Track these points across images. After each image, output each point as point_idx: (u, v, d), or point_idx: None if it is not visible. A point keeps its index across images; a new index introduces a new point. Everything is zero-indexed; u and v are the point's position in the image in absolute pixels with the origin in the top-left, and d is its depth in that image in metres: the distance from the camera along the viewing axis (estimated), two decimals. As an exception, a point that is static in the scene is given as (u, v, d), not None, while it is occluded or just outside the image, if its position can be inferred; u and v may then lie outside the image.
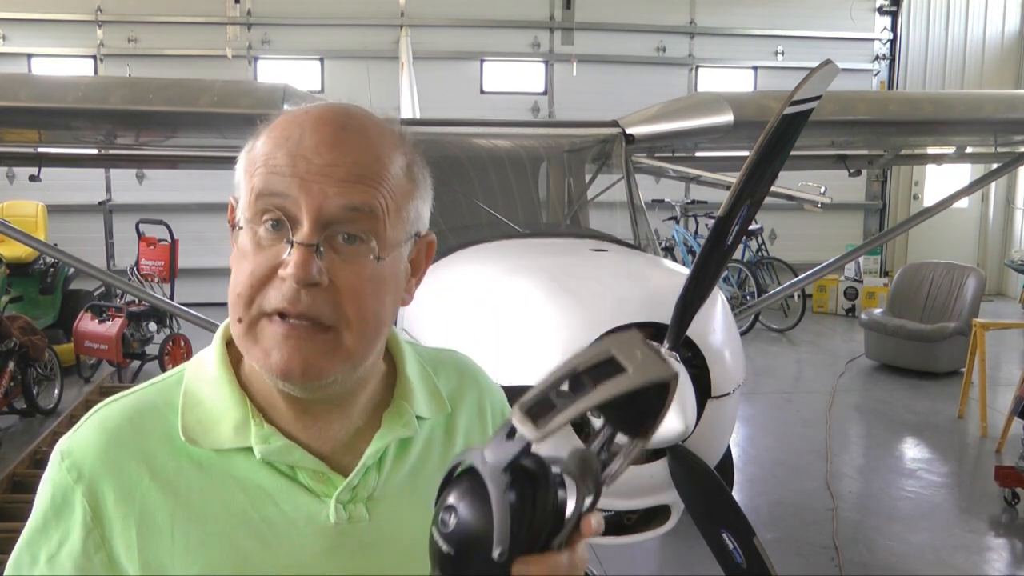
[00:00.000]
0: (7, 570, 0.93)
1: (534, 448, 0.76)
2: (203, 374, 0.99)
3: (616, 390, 0.75)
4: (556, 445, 0.78)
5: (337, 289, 0.88)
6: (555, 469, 0.79)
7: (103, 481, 0.91)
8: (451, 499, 0.77)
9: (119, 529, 0.90)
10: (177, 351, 7.07)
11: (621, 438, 0.81)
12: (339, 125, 0.91)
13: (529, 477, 0.77)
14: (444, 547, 0.76)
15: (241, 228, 0.91)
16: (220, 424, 0.95)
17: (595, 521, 0.79)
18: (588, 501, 0.79)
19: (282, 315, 0.87)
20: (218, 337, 1.01)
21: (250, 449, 0.94)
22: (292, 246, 0.87)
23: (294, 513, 0.94)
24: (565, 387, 0.78)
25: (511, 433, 0.77)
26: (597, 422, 0.82)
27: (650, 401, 0.78)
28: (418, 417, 1.03)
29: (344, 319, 0.89)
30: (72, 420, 5.23)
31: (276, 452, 0.94)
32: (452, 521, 0.76)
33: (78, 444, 0.94)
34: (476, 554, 0.74)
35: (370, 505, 0.97)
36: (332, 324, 0.88)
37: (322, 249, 0.87)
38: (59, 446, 0.95)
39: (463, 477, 0.78)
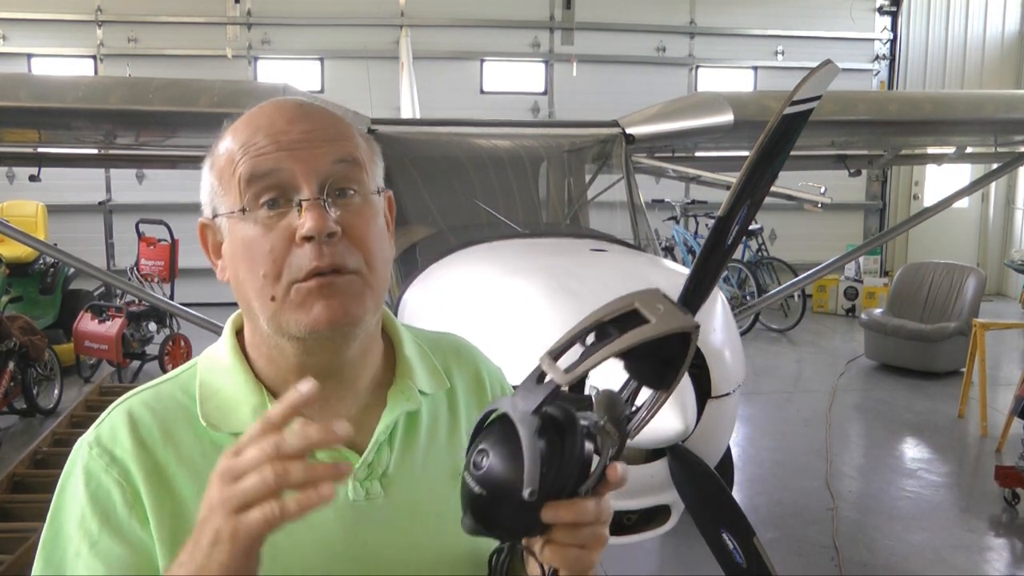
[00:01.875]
0: (39, 567, 0.94)
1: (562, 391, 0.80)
2: (217, 365, 1.04)
3: (640, 337, 0.79)
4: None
5: (350, 236, 0.95)
6: (583, 420, 0.82)
7: (134, 465, 0.94)
8: (483, 443, 0.80)
9: (152, 511, 0.93)
10: (177, 351, 7.07)
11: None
12: (297, 104, 0.99)
13: (558, 423, 0.80)
14: (476, 488, 0.80)
15: (240, 213, 0.94)
16: (238, 409, 0.99)
17: (620, 468, 0.83)
18: (612, 450, 0.82)
19: (315, 274, 0.92)
20: (228, 329, 1.07)
21: None
22: (301, 207, 0.92)
23: None
24: (591, 338, 0.83)
25: (540, 378, 0.80)
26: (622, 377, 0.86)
27: (672, 351, 0.83)
28: (421, 392, 1.07)
29: (362, 261, 0.96)
30: (72, 420, 5.29)
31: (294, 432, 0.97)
32: (484, 463, 0.79)
33: (105, 433, 0.97)
34: (507, 495, 0.78)
35: (384, 482, 1.01)
36: (355, 268, 0.95)
37: (328, 201, 0.93)
38: (84, 439, 0.98)
39: (495, 423, 0.81)
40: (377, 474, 1.01)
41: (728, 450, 4.10)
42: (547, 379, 0.80)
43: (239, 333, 1.06)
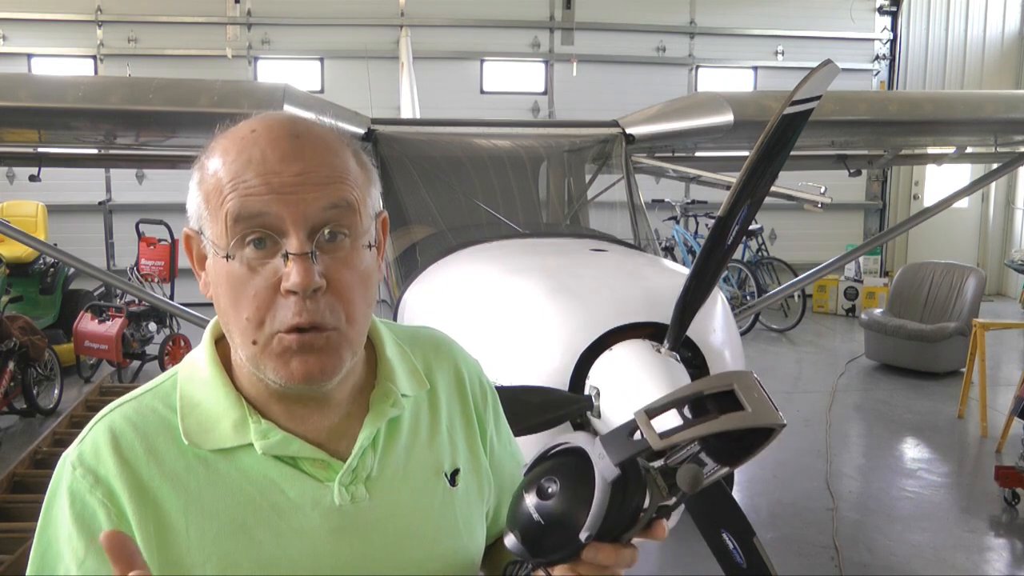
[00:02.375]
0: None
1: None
2: (197, 376, 1.03)
3: (737, 424, 0.83)
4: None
5: (334, 290, 0.94)
6: (644, 468, 0.87)
7: (118, 483, 0.94)
8: (555, 474, 0.84)
9: (138, 528, 0.93)
10: (177, 351, 7.07)
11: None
12: (293, 135, 0.94)
13: (632, 476, 0.84)
14: (535, 515, 0.83)
15: (229, 257, 0.93)
16: (219, 424, 0.98)
17: (666, 526, 0.88)
18: (659, 505, 0.87)
19: (295, 330, 0.92)
20: (207, 338, 1.05)
21: (251, 445, 0.97)
22: (287, 259, 0.91)
23: (300, 498, 0.98)
24: (686, 408, 0.86)
25: (631, 432, 0.83)
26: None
27: (753, 440, 0.87)
28: (402, 395, 1.08)
29: (343, 318, 0.95)
30: (72, 420, 5.28)
31: (276, 445, 0.98)
32: (551, 492, 0.83)
33: (88, 451, 0.96)
34: (563, 530, 0.82)
35: (369, 485, 1.02)
36: (335, 325, 0.94)
37: (316, 253, 0.92)
38: (67, 457, 0.97)
39: (570, 458, 0.84)
40: (361, 478, 1.01)
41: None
42: (639, 436, 0.82)
43: (218, 342, 1.05)
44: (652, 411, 0.83)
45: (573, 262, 2.82)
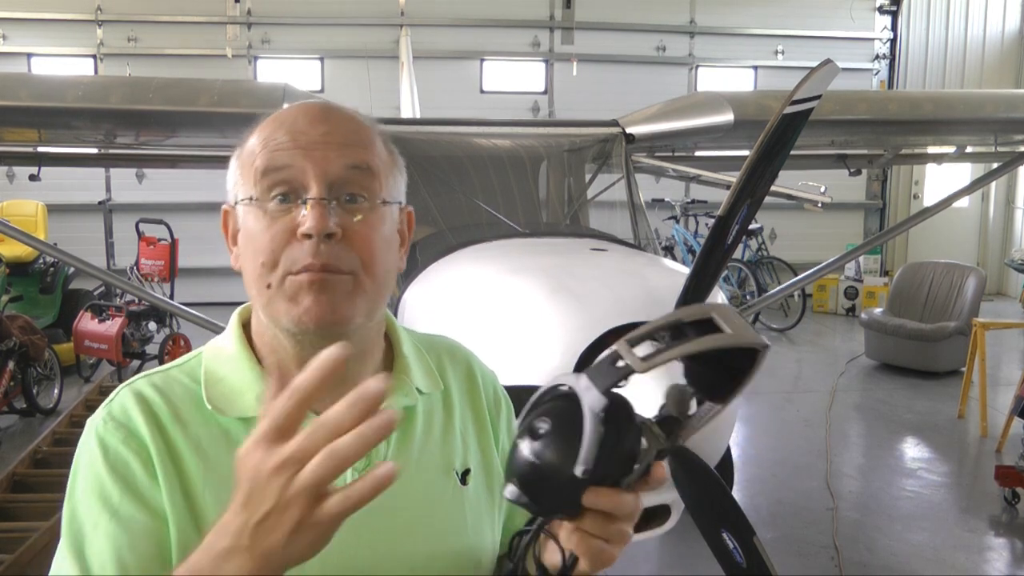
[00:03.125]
0: (61, 549, 0.93)
1: (635, 378, 0.82)
2: (222, 354, 1.06)
3: (718, 343, 0.82)
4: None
5: (350, 239, 0.97)
6: (638, 415, 0.85)
7: (148, 438, 0.96)
8: (544, 414, 0.82)
9: (164, 483, 0.94)
10: (177, 351, 7.07)
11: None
12: (323, 106, 1.03)
13: (620, 410, 0.83)
14: (528, 456, 0.82)
15: (250, 202, 0.98)
16: (243, 396, 1.01)
17: (664, 471, 0.87)
18: (655, 452, 0.86)
19: (307, 270, 0.95)
20: (234, 320, 1.09)
21: None
22: (306, 205, 0.96)
23: None
24: (666, 336, 0.84)
25: (614, 361, 0.82)
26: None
27: (740, 365, 0.85)
28: (417, 391, 1.10)
29: (359, 264, 0.98)
30: (72, 420, 5.28)
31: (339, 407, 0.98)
32: (542, 431, 0.82)
33: (117, 409, 0.99)
34: (558, 469, 0.80)
35: None
36: (351, 270, 0.97)
37: (333, 204, 0.96)
38: (96, 417, 0.99)
39: (559, 397, 0.83)
40: (373, 464, 1.02)
41: (728, 450, 4.09)
42: (622, 363, 0.81)
43: (245, 326, 1.09)
44: (633, 340, 0.83)
45: (573, 262, 2.82)
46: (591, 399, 0.80)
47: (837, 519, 4.49)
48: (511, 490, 0.84)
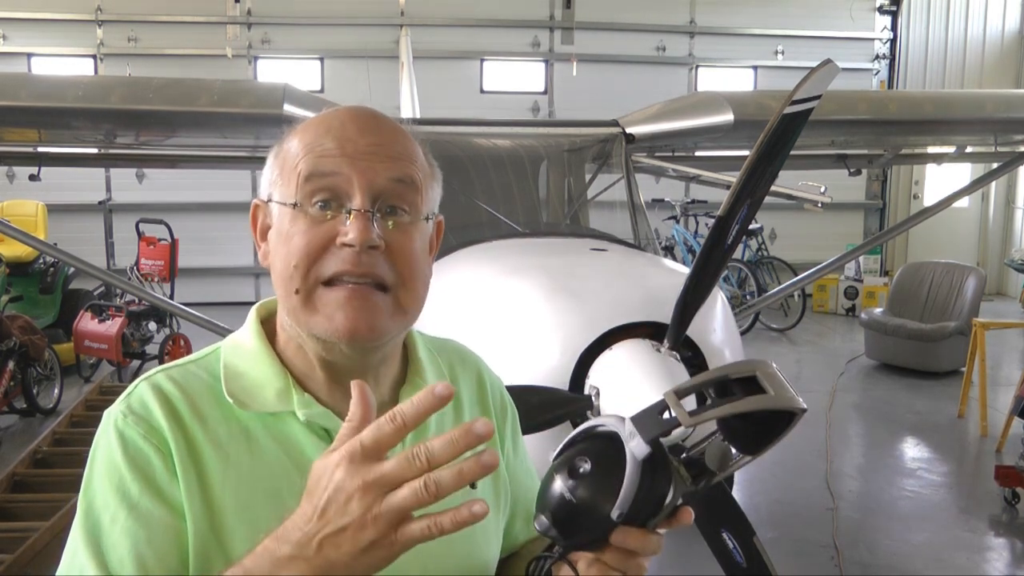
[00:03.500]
0: (74, 542, 0.93)
1: (679, 431, 0.85)
2: (241, 349, 1.05)
3: (761, 405, 0.85)
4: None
5: (392, 252, 0.97)
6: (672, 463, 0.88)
7: (168, 433, 0.95)
8: (586, 454, 0.85)
9: (183, 479, 0.94)
10: (177, 351, 7.07)
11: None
12: (372, 115, 1.02)
13: (661, 457, 0.86)
14: (567, 495, 0.84)
15: (291, 206, 0.97)
16: (263, 391, 1.01)
17: (692, 515, 0.88)
18: (683, 494, 0.89)
19: (341, 279, 0.95)
20: (253, 316, 1.08)
21: (292, 413, 0.99)
22: (350, 215, 0.95)
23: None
24: (713, 392, 0.87)
25: (662, 411, 0.85)
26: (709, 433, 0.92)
27: (775, 425, 0.89)
28: None
29: (399, 279, 0.98)
30: (72, 420, 5.28)
31: (318, 416, 1.00)
32: (583, 471, 0.84)
33: (137, 403, 0.97)
34: (594, 509, 0.83)
35: None
36: (391, 284, 0.97)
37: (377, 216, 0.96)
38: (115, 410, 0.98)
39: (601, 440, 0.86)
40: None
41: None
42: (669, 415, 0.84)
43: (263, 322, 1.08)
44: (680, 391, 0.85)
45: (573, 262, 2.82)
46: (636, 447, 0.83)
47: (837, 519, 4.49)
48: (542, 522, 0.86)
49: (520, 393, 2.11)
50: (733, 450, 0.91)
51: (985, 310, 8.12)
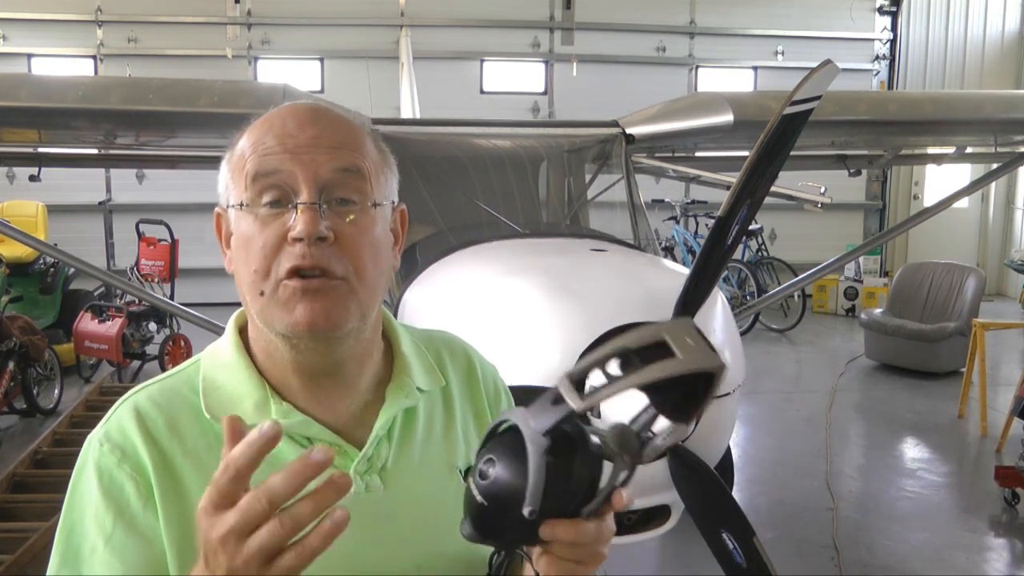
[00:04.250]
0: (54, 566, 0.95)
1: (579, 417, 0.80)
2: (219, 361, 1.06)
3: (664, 372, 0.77)
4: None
5: (342, 244, 0.96)
6: (595, 440, 0.82)
7: (144, 457, 0.96)
8: (492, 454, 0.81)
9: (161, 502, 0.95)
10: (177, 351, 7.07)
11: (663, 421, 0.84)
12: (312, 108, 1.02)
13: (568, 444, 0.80)
14: (479, 498, 0.80)
15: (242, 208, 0.98)
16: (241, 404, 1.01)
17: (626, 495, 0.83)
18: (623, 476, 0.83)
19: (297, 273, 0.95)
20: (231, 326, 1.08)
21: None
22: (296, 209, 0.95)
23: (315, 484, 0.98)
24: (614, 364, 0.80)
25: (557, 400, 0.80)
26: (642, 403, 0.85)
27: (696, 388, 0.81)
28: (418, 389, 1.10)
29: (351, 269, 0.97)
30: (72, 420, 5.29)
31: (297, 426, 1.00)
32: (490, 475, 0.80)
33: (114, 428, 0.99)
34: (508, 509, 0.79)
35: (384, 476, 1.03)
36: (343, 275, 0.96)
37: (324, 208, 0.96)
38: (94, 436, 0.99)
39: (505, 434, 0.81)
40: (376, 468, 1.03)
41: (728, 450, 4.10)
42: (563, 403, 0.79)
43: (242, 331, 1.08)
44: (575, 375, 0.80)
45: (573, 262, 2.83)
46: (535, 440, 0.78)
47: (837, 519, 4.49)
48: (466, 529, 0.83)
49: (520, 394, 2.11)
50: (664, 421, 0.84)
51: (985, 310, 8.12)
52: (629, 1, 11.09)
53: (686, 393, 0.81)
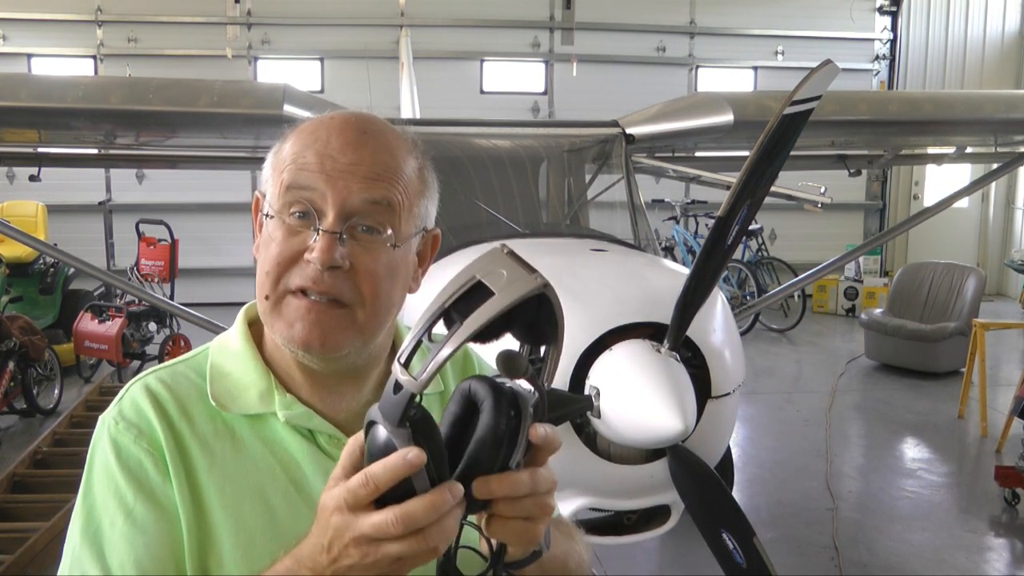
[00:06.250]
0: (73, 542, 0.95)
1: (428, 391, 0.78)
2: (227, 350, 1.09)
3: (486, 316, 0.75)
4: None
5: (356, 272, 0.98)
6: (506, 386, 0.80)
7: (160, 433, 0.98)
8: (371, 454, 0.79)
9: (175, 478, 0.97)
10: (177, 351, 7.06)
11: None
12: (361, 130, 1.01)
13: (427, 423, 0.78)
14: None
15: (271, 217, 1.00)
16: (246, 392, 1.04)
17: (543, 431, 0.82)
18: (531, 409, 0.80)
19: (305, 292, 0.98)
20: (241, 317, 1.12)
21: (274, 414, 1.03)
22: (318, 233, 0.97)
23: (315, 475, 1.01)
24: (441, 328, 0.78)
25: (396, 388, 0.78)
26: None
27: (533, 314, 0.79)
28: None
29: (359, 298, 0.99)
30: (72, 420, 5.29)
31: (298, 417, 1.03)
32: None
33: (127, 408, 1.01)
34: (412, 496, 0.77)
35: None
36: (350, 302, 0.99)
37: (344, 237, 0.97)
38: (108, 415, 1.01)
39: (377, 435, 0.79)
40: None
41: (728, 450, 4.10)
42: (402, 389, 0.77)
43: (252, 323, 1.11)
44: (402, 355, 0.78)
45: (573, 262, 2.82)
46: (395, 434, 0.76)
47: (837, 519, 4.49)
48: None
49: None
50: (542, 348, 0.83)
51: (985, 310, 8.12)
52: (629, 1, 11.09)
53: (530, 320, 0.79)
